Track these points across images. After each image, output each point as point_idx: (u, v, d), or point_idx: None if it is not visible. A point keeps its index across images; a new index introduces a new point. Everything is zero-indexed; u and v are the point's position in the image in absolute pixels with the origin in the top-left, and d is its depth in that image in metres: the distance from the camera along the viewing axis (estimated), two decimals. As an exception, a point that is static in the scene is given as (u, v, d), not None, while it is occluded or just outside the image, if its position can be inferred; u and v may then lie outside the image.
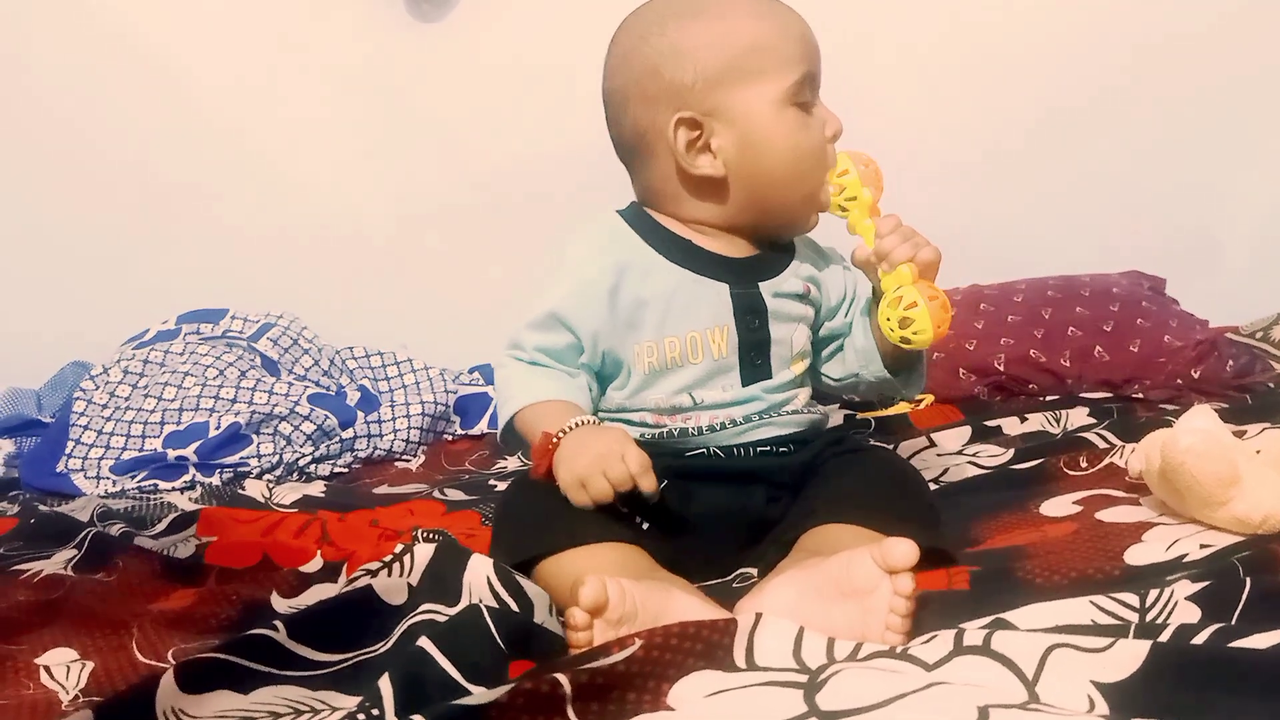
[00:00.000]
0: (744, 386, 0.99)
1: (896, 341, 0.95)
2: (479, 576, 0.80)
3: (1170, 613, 0.70)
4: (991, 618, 0.72)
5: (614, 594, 0.73)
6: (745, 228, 1.01)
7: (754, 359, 0.99)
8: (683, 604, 0.76)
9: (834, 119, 1.00)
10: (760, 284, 1.00)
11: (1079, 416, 1.42)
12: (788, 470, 0.98)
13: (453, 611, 0.76)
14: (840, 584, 0.75)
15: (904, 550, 0.73)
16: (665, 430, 0.99)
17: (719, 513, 0.96)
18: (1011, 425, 1.42)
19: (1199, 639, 0.63)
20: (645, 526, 0.94)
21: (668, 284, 0.98)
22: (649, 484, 0.87)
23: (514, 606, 0.79)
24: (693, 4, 0.98)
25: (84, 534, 1.11)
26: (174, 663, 0.72)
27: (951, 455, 1.30)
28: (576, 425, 0.92)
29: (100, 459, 1.58)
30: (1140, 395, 1.57)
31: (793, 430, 1.00)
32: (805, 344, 1.03)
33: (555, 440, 0.91)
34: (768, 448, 0.99)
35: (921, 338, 0.93)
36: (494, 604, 0.78)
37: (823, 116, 0.99)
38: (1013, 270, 1.83)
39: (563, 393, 0.97)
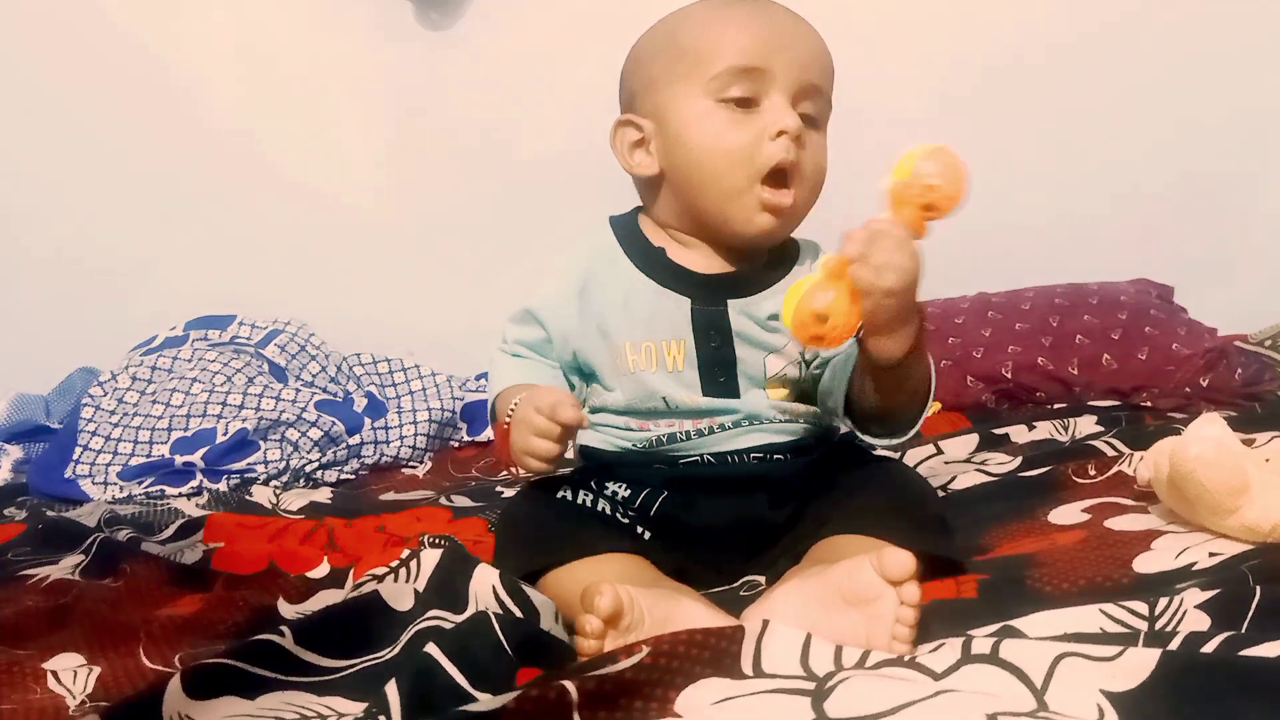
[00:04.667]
0: (706, 396, 0.96)
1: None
2: (484, 585, 0.80)
3: (1179, 621, 0.70)
4: (1000, 625, 0.72)
5: (624, 601, 0.73)
6: (702, 234, 0.98)
7: (717, 376, 0.96)
8: (689, 611, 0.76)
9: (782, 116, 0.92)
10: (730, 301, 0.96)
11: (1087, 424, 1.42)
12: (791, 476, 0.97)
13: (459, 618, 0.76)
14: (844, 592, 0.74)
15: (902, 560, 0.72)
16: (655, 437, 0.97)
17: (721, 521, 0.96)
18: (1019, 433, 1.42)
19: (1208, 647, 0.63)
20: (647, 536, 0.94)
21: (630, 291, 0.97)
22: (568, 415, 0.87)
23: (519, 615, 0.79)
24: (665, 17, 1.00)
25: (91, 539, 1.11)
26: (181, 668, 0.72)
27: (959, 463, 1.30)
28: (517, 404, 0.93)
29: (108, 465, 1.59)
30: (1149, 403, 1.57)
31: (788, 438, 0.97)
32: (786, 371, 0.97)
33: (506, 425, 0.93)
34: (762, 454, 0.97)
35: (786, 323, 0.84)
36: (500, 612, 0.78)
37: (769, 113, 0.93)
38: (1021, 278, 1.82)
39: (531, 377, 0.99)
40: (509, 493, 1.43)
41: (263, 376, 1.75)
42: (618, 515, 0.95)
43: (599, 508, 0.95)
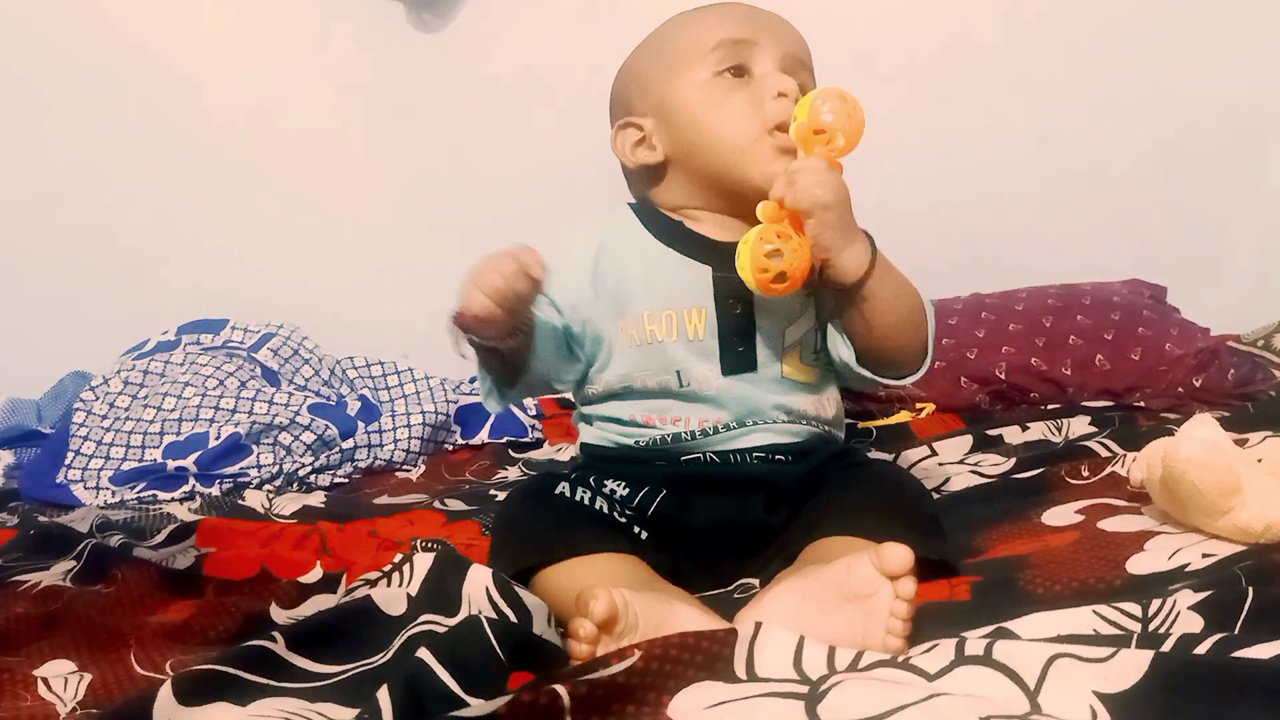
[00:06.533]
0: (725, 375, 0.97)
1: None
2: (478, 587, 0.80)
3: (1172, 622, 0.70)
4: (993, 627, 0.72)
5: (618, 605, 0.73)
6: (716, 203, 1.01)
7: (736, 345, 0.97)
8: (683, 615, 0.76)
9: (779, 79, 0.97)
10: None
11: (1080, 425, 1.42)
12: (788, 479, 0.97)
13: (452, 622, 0.75)
14: (841, 589, 0.75)
15: (900, 555, 0.73)
16: (660, 435, 0.98)
17: (718, 522, 0.96)
18: (1013, 434, 1.42)
19: (1201, 649, 0.63)
20: (644, 537, 0.94)
21: (650, 259, 1.00)
22: (529, 258, 0.86)
23: (513, 617, 0.79)
24: (646, 36, 1.06)
25: (83, 545, 1.10)
26: (172, 674, 0.71)
27: (953, 465, 1.30)
28: None
29: (100, 470, 1.58)
30: (1142, 404, 1.57)
31: (790, 440, 0.99)
32: (802, 338, 0.99)
33: None
34: (764, 454, 0.98)
35: (748, 280, 0.89)
36: (493, 615, 0.78)
37: (765, 79, 0.98)
38: (1014, 279, 1.83)
39: None
40: (503, 496, 1.43)
41: (255, 380, 1.74)
42: (615, 514, 0.95)
43: (596, 505, 0.95)
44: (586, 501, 0.95)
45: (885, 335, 0.95)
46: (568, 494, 0.96)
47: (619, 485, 0.97)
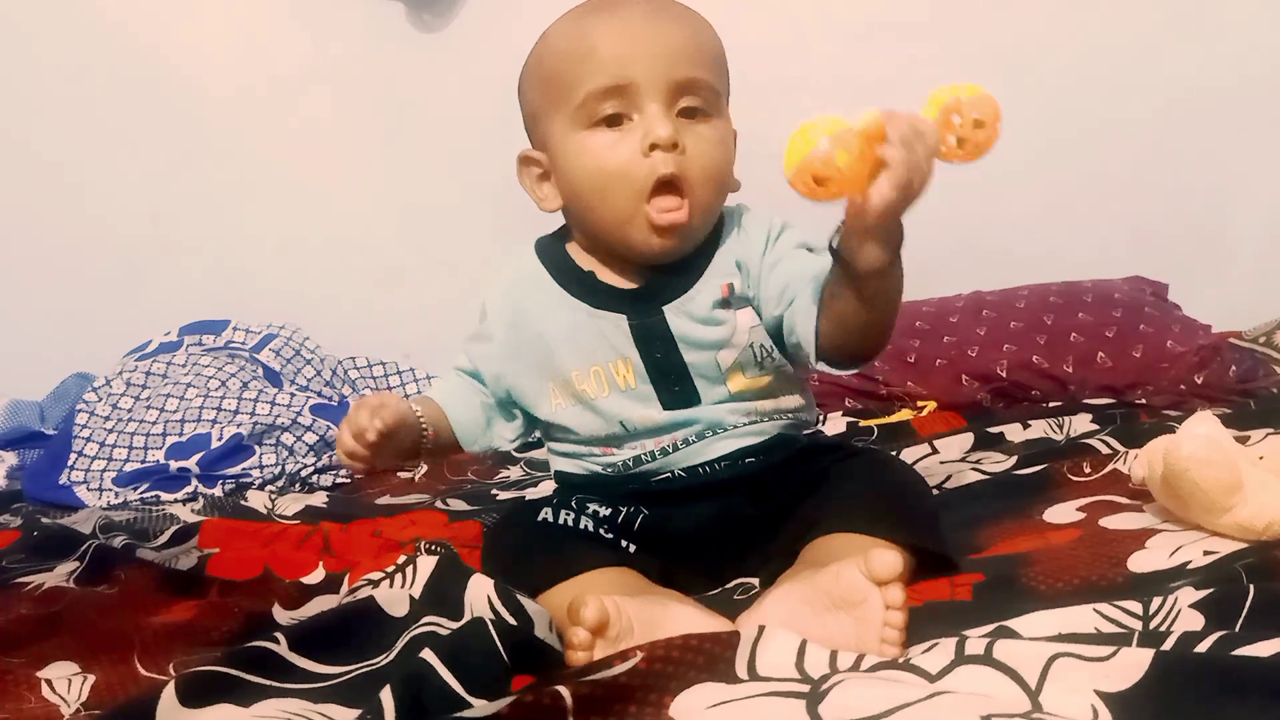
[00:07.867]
0: (666, 410, 0.95)
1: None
2: (479, 596, 0.80)
3: (1174, 620, 0.70)
4: (994, 626, 0.72)
5: (610, 611, 0.73)
6: (621, 255, 0.96)
7: (671, 385, 0.94)
8: (677, 614, 0.76)
9: (653, 128, 0.89)
10: (665, 308, 0.94)
11: (1082, 423, 1.42)
12: (768, 474, 0.95)
13: (454, 625, 0.76)
14: (832, 596, 0.74)
15: (889, 560, 0.72)
16: (622, 461, 0.97)
17: (703, 525, 0.95)
18: (1014, 432, 1.42)
19: (1202, 647, 0.63)
20: (632, 550, 0.93)
21: (566, 320, 0.96)
22: (363, 420, 0.90)
23: (515, 624, 0.79)
24: (539, 37, 0.99)
25: (86, 546, 1.11)
26: (175, 675, 0.71)
27: (954, 462, 1.30)
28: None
29: (103, 471, 1.58)
30: (1143, 401, 1.57)
31: (756, 440, 0.95)
32: (740, 358, 0.94)
33: None
34: (733, 460, 0.95)
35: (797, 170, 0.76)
36: (495, 619, 0.78)
37: (641, 126, 0.90)
38: (1015, 276, 1.83)
39: (451, 396, 1.02)
40: (504, 495, 1.44)
41: (257, 381, 1.75)
42: (601, 531, 0.93)
43: (581, 525, 0.93)
44: (570, 523, 0.93)
45: (880, 320, 0.88)
46: (550, 519, 0.94)
47: (600, 506, 0.95)
